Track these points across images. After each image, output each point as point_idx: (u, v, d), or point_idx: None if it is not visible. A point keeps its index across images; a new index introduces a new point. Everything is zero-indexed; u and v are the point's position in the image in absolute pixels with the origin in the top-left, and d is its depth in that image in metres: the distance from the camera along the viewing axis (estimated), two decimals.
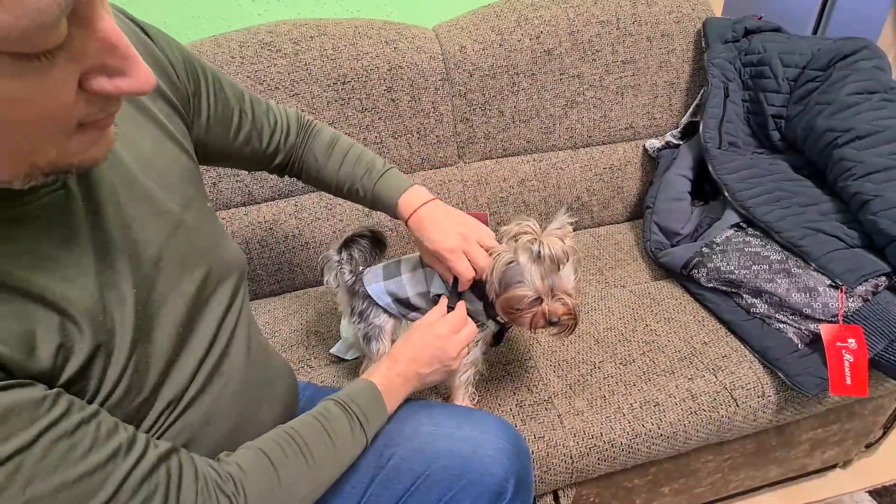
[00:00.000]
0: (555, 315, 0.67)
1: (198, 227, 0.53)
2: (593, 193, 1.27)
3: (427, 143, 1.15)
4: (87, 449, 0.37)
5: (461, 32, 1.13)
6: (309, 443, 0.54)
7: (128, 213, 0.45)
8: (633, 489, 0.96)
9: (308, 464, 0.53)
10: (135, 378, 0.43)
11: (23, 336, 0.35)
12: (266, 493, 0.49)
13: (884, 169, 0.90)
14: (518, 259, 0.66)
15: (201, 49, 1.00)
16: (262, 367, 0.61)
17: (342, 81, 1.05)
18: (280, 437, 0.53)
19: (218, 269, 0.55)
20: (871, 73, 1.00)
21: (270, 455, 0.51)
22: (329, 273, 0.79)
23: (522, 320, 0.69)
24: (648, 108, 1.26)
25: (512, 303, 0.68)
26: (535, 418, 0.83)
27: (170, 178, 0.51)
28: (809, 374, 0.83)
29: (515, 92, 1.16)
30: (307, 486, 0.53)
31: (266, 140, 0.71)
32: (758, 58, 1.14)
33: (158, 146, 0.51)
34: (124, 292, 0.43)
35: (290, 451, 0.52)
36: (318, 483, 0.54)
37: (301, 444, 0.53)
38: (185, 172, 0.53)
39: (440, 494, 0.61)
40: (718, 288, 0.99)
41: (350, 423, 0.58)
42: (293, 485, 0.51)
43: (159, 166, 0.50)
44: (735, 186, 1.04)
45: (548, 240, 0.65)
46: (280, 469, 0.50)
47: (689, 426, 0.84)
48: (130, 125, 0.48)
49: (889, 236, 0.85)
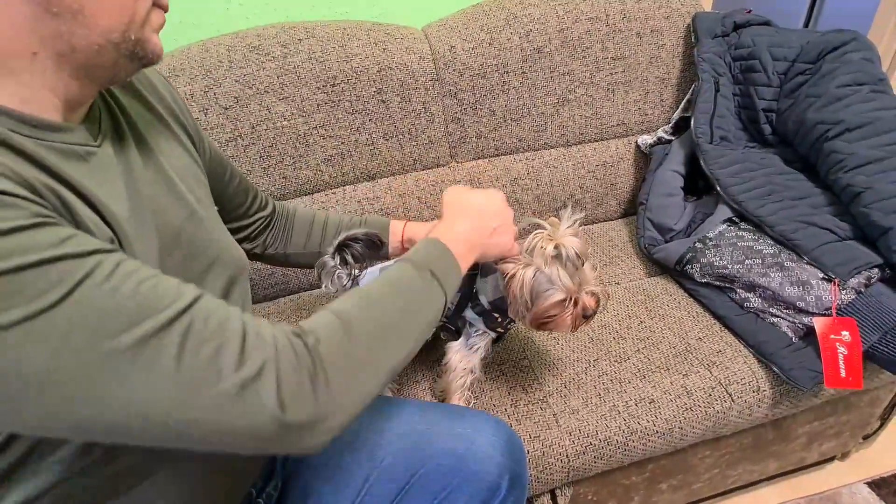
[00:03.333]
0: (590, 309, 0.69)
1: (209, 220, 0.57)
2: (586, 191, 1.27)
3: (419, 143, 1.15)
4: (156, 274, 0.38)
5: (450, 32, 1.12)
6: (370, 291, 0.50)
7: (152, 186, 0.50)
8: (630, 486, 0.96)
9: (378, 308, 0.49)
10: None
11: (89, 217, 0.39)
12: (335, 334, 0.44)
13: (874, 161, 0.90)
14: (542, 268, 0.66)
15: (190, 54, 1.00)
16: None
17: (332, 84, 1.05)
18: (346, 295, 0.50)
19: (224, 261, 0.57)
20: (859, 64, 1.01)
21: (330, 307, 0.47)
22: (326, 279, 0.79)
23: (563, 323, 0.69)
24: (640, 104, 1.26)
25: (549, 310, 0.68)
26: (530, 418, 0.82)
27: (186, 176, 0.56)
28: (804, 368, 0.83)
29: (506, 91, 1.16)
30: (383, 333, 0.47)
31: (250, 200, 0.77)
32: (747, 52, 1.14)
33: (177, 151, 0.57)
34: (151, 242, 0.47)
35: (357, 302, 0.48)
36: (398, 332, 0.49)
37: (370, 297, 0.49)
38: (198, 176, 0.60)
39: (435, 492, 0.61)
40: (712, 283, 0.99)
41: (421, 276, 0.53)
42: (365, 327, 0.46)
43: (177, 165, 0.56)
44: (727, 181, 1.04)
45: (566, 240, 0.65)
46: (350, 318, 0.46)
47: (685, 422, 0.84)
48: (154, 131, 0.55)
49: (881, 228, 0.86)
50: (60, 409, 0.33)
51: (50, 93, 0.41)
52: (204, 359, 0.36)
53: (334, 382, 0.41)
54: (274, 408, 0.37)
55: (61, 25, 0.38)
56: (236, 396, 0.36)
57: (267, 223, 0.81)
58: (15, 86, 0.38)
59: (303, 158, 1.07)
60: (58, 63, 0.40)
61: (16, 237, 0.32)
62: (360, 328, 0.45)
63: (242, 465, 0.58)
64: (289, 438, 0.39)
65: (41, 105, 0.40)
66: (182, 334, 0.36)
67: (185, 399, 0.35)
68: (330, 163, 1.10)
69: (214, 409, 0.36)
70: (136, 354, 0.34)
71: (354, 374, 0.43)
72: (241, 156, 1.03)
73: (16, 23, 0.37)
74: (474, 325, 0.77)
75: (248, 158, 1.04)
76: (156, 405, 0.35)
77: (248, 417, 0.37)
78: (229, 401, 0.36)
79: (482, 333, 0.77)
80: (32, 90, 0.39)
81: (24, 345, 0.31)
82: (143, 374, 0.34)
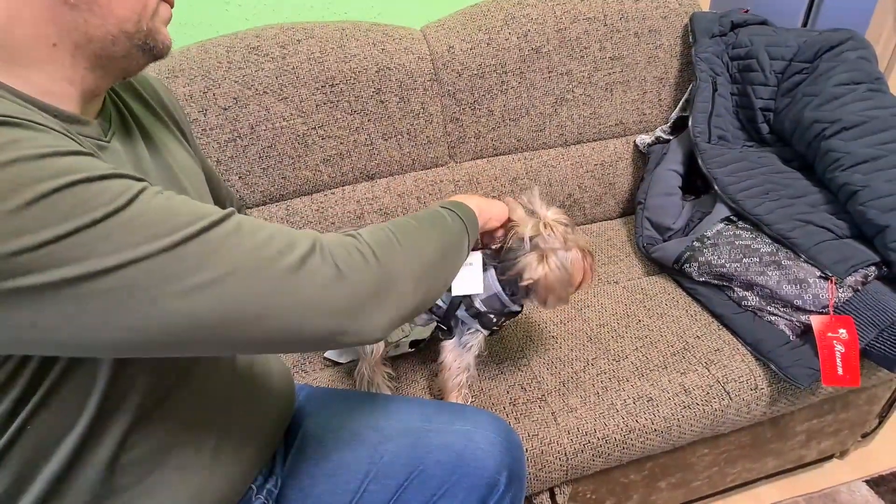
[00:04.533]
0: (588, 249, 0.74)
1: None
2: (585, 190, 1.27)
3: (417, 143, 1.15)
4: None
5: (449, 32, 1.13)
6: (406, 216, 0.55)
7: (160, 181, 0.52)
8: (629, 485, 0.96)
9: (415, 223, 0.53)
10: None
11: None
12: (381, 234, 0.49)
13: (871, 159, 0.90)
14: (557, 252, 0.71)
15: (189, 55, 1.00)
16: (259, 362, 0.63)
17: (330, 84, 1.05)
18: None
19: None
20: (856, 63, 1.01)
21: (376, 223, 0.52)
22: None
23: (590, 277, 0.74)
24: (638, 103, 1.26)
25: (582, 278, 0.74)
26: (528, 416, 0.83)
27: (189, 173, 0.58)
28: (801, 366, 0.84)
29: (504, 91, 1.16)
30: (421, 240, 0.52)
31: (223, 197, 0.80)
32: (745, 51, 1.14)
33: (178, 149, 0.59)
34: None
35: (393, 220, 0.53)
36: (434, 244, 0.53)
37: (402, 217, 0.54)
38: (199, 175, 0.62)
39: (434, 489, 0.62)
40: (710, 282, 0.99)
41: (444, 210, 0.58)
42: (407, 232, 0.51)
43: (181, 162, 0.57)
44: (725, 180, 1.05)
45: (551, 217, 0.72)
46: (391, 225, 0.51)
47: (683, 420, 0.84)
48: (156, 129, 0.56)
49: (877, 226, 0.86)
50: (144, 305, 0.35)
51: (69, 84, 0.42)
52: (260, 241, 0.39)
53: (382, 256, 0.45)
54: (334, 274, 0.41)
55: (78, 16, 0.40)
56: (298, 268, 0.39)
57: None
58: (37, 76, 0.40)
59: (302, 159, 1.08)
60: (75, 54, 0.41)
61: (80, 158, 0.35)
62: (399, 230, 0.49)
63: (245, 460, 0.59)
64: (359, 308, 0.42)
65: (62, 97, 0.42)
66: (235, 227, 0.39)
67: (256, 274, 0.38)
68: (329, 163, 1.10)
69: (283, 284, 0.39)
70: (202, 244, 0.37)
71: (398, 257, 0.47)
72: (241, 156, 1.04)
73: (35, 14, 0.38)
74: (467, 324, 0.77)
75: (248, 159, 1.04)
76: (232, 283, 0.37)
77: (314, 287, 0.40)
78: (292, 274, 0.39)
79: (475, 332, 0.77)
80: (54, 81, 0.41)
81: (108, 239, 0.33)
82: (213, 258, 0.37)
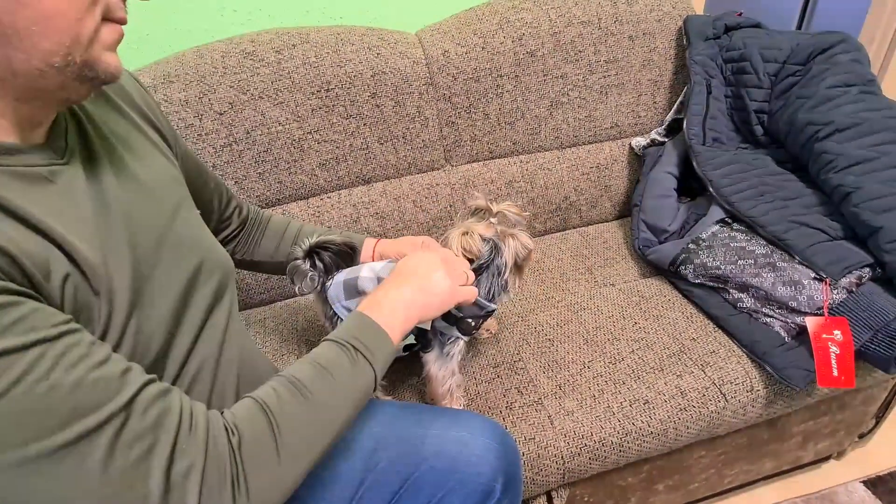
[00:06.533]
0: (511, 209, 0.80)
1: (190, 223, 0.58)
2: (581, 193, 1.27)
3: (413, 147, 1.15)
4: (104, 360, 0.38)
5: (444, 37, 1.13)
6: (297, 375, 0.50)
7: (126, 196, 0.49)
8: (627, 487, 0.96)
9: (307, 399, 0.48)
10: (139, 339, 0.45)
11: (42, 258, 0.38)
12: (260, 434, 0.45)
13: (864, 161, 0.91)
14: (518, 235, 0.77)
15: (184, 60, 1.00)
16: (250, 367, 0.62)
17: (326, 88, 1.05)
18: (273, 382, 0.50)
19: (209, 264, 0.57)
20: (849, 66, 1.01)
21: (264, 399, 0.47)
22: (299, 280, 0.78)
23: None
24: (633, 106, 1.27)
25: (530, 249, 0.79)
26: (525, 420, 0.83)
27: (164, 179, 0.57)
28: (797, 367, 0.84)
29: (500, 94, 1.16)
30: (310, 424, 0.48)
31: (225, 202, 0.78)
32: (739, 54, 1.15)
33: (152, 155, 0.57)
34: (123, 257, 0.46)
35: (283, 392, 0.48)
36: (325, 421, 0.49)
37: (296, 383, 0.49)
38: (177, 178, 0.60)
39: (429, 496, 0.61)
40: (706, 284, 0.99)
41: (347, 354, 0.53)
42: (292, 422, 0.47)
43: (154, 170, 0.56)
44: (720, 182, 1.05)
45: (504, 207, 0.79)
46: (275, 411, 0.47)
47: (679, 423, 0.84)
48: (127, 139, 0.54)
49: (871, 227, 0.86)
50: None
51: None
52: (133, 459, 0.37)
53: (254, 488, 0.42)
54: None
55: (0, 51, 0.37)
56: (160, 501, 0.37)
57: (241, 227, 0.82)
58: None
59: (297, 163, 1.08)
60: (2, 87, 0.39)
61: None
62: (285, 423, 0.46)
63: None
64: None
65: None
66: (114, 434, 0.36)
67: (108, 502, 0.36)
68: (325, 167, 1.10)
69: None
70: (64, 456, 0.34)
71: (277, 474, 0.45)
72: (236, 161, 1.04)
73: None
74: (446, 334, 0.77)
75: (243, 164, 1.04)
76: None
77: None
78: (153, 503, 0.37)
79: (454, 340, 0.77)
80: None
81: None
82: (69, 476, 0.35)
